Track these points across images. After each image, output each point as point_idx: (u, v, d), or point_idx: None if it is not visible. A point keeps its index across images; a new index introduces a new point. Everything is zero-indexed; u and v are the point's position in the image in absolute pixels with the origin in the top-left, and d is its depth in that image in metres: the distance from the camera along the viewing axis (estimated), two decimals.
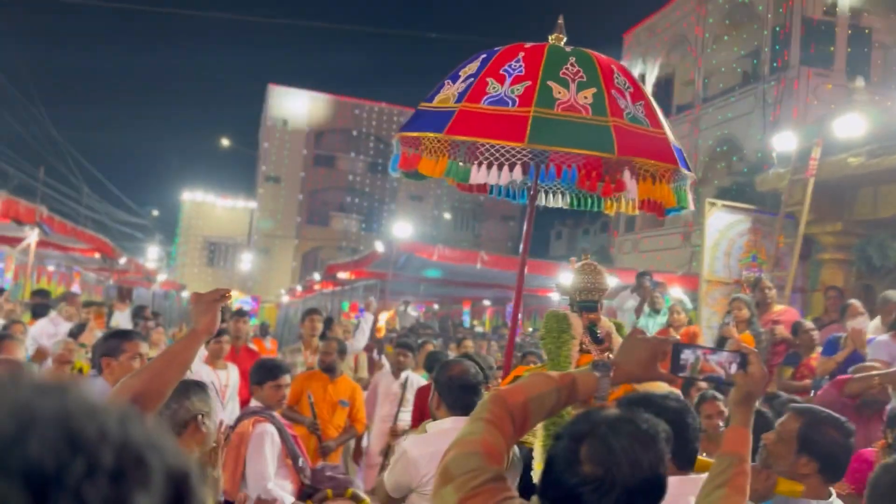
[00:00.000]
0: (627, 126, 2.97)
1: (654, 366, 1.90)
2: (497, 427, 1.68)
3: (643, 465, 1.46)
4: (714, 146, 18.68)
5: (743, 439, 1.82)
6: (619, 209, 3.58)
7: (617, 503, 1.44)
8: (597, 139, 2.89)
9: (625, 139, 2.90)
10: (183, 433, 2.47)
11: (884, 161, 7.86)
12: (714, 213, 8.92)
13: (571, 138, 2.89)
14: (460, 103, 2.98)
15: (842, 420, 2.59)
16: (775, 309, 6.93)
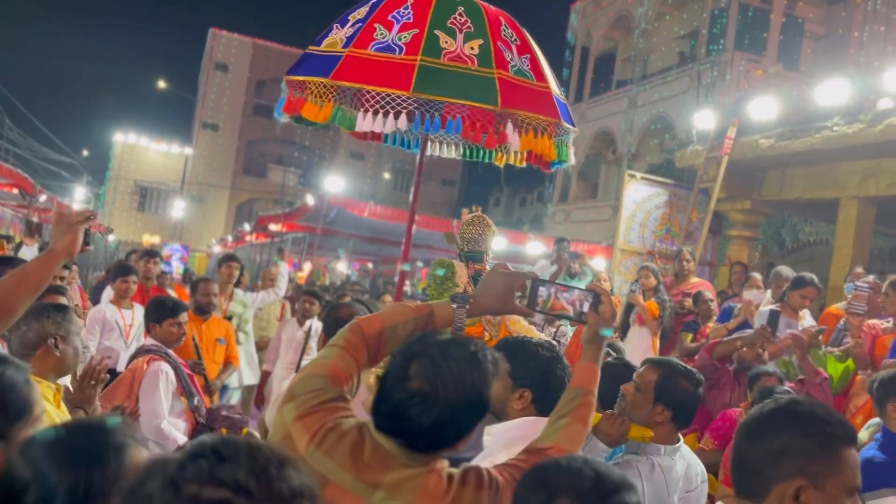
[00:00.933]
0: (512, 79, 3.03)
1: (510, 299, 1.94)
2: (350, 353, 1.75)
3: (466, 383, 1.55)
4: (648, 123, 19.06)
5: (591, 374, 1.87)
6: (508, 161, 3.65)
7: (440, 417, 1.54)
8: (481, 91, 2.94)
9: (508, 92, 2.96)
10: (32, 355, 2.42)
11: (792, 144, 8.22)
12: (632, 185, 9.18)
13: (456, 89, 2.93)
14: (347, 48, 2.97)
15: (693, 372, 2.78)
16: (692, 281, 7.24)
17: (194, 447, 0.89)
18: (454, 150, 3.88)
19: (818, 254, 10.83)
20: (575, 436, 1.73)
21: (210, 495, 0.82)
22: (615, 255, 9.16)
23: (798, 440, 1.42)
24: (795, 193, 8.96)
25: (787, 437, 1.43)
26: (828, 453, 1.40)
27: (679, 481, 2.63)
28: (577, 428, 1.74)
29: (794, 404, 1.51)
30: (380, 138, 3.78)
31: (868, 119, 7.47)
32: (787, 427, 1.45)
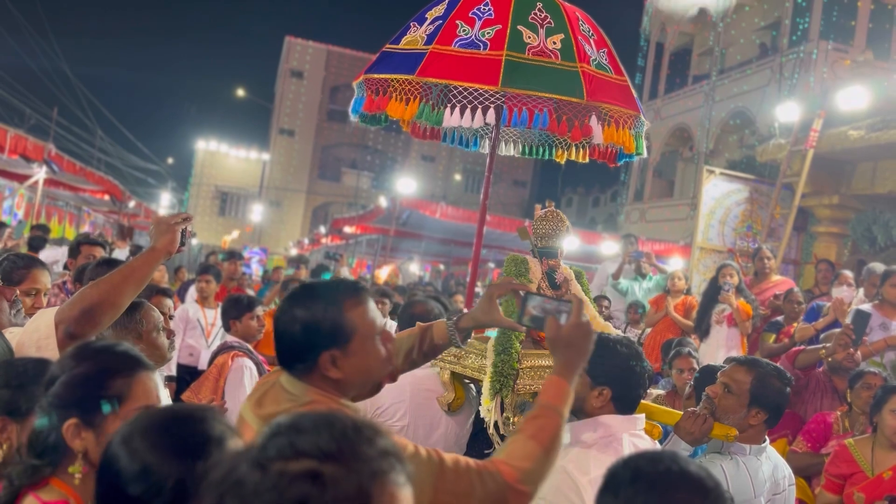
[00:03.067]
0: (594, 72, 3.02)
1: (492, 308, 2.02)
2: None
3: (316, 307, 1.65)
4: (727, 118, 18.49)
5: (554, 388, 1.72)
6: (570, 157, 3.63)
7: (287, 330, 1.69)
8: (567, 84, 2.93)
9: (592, 85, 2.96)
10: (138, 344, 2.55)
11: (884, 135, 7.80)
12: (711, 181, 8.91)
13: (543, 82, 2.93)
14: (430, 45, 2.99)
15: (783, 371, 2.69)
16: (773, 279, 6.98)
17: (271, 427, 0.91)
18: (513, 148, 3.87)
19: None
20: (524, 454, 1.58)
21: (297, 468, 0.83)
22: (693, 254, 8.90)
23: None
24: (888, 187, 8.51)
25: None
26: None
27: (766, 483, 2.55)
28: (529, 446, 1.60)
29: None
30: (439, 136, 3.78)
31: None
32: None
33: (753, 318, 6.26)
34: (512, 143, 3.91)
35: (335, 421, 0.90)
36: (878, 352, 4.93)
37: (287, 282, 6.46)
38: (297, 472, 0.83)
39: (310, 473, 0.83)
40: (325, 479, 0.82)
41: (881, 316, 5.19)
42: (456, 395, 3.06)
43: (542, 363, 2.89)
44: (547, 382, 1.74)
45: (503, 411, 2.82)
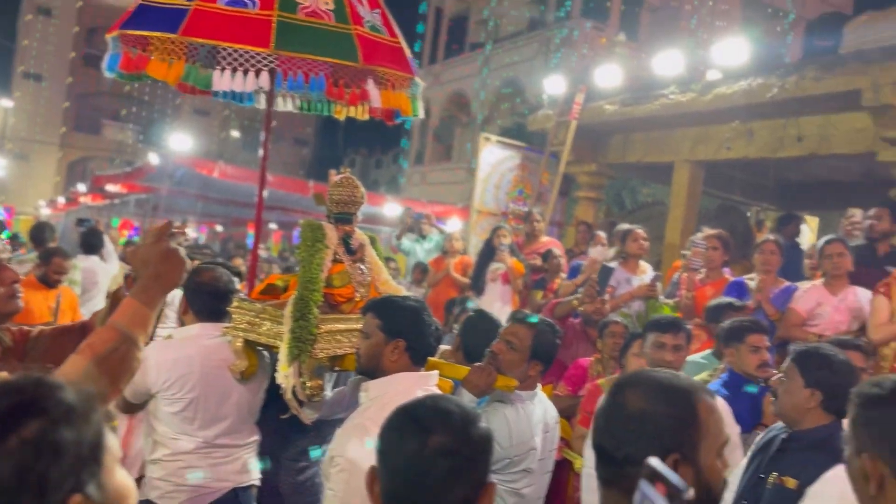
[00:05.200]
0: (369, 35, 3.02)
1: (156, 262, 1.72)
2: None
3: None
4: (501, 87, 19.53)
5: (121, 307, 1.61)
6: (350, 114, 3.67)
7: None
8: (342, 47, 2.91)
9: (368, 48, 2.96)
10: None
11: (633, 110, 8.77)
12: (487, 148, 9.45)
13: (317, 46, 2.88)
14: (194, 1, 2.80)
15: (555, 325, 3.01)
16: (542, 240, 7.59)
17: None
18: (291, 104, 3.82)
19: (655, 213, 11.71)
20: (70, 370, 1.50)
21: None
22: (471, 217, 9.43)
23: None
24: (636, 157, 9.60)
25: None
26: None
27: (539, 424, 2.85)
28: (75, 360, 1.52)
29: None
30: (208, 92, 3.64)
31: (699, 88, 8.12)
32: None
33: (525, 276, 6.81)
34: (290, 99, 3.85)
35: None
36: (624, 303, 5.61)
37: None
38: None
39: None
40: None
41: (625, 272, 5.89)
42: (249, 362, 3.02)
43: (340, 327, 2.95)
44: (124, 304, 1.62)
45: (300, 376, 2.85)
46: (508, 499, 2.73)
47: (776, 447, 2.48)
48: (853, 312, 4.49)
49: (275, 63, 3.06)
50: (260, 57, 2.91)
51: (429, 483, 1.31)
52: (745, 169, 9.27)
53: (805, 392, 2.38)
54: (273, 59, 2.98)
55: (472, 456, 1.34)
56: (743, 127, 8.12)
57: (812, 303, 4.61)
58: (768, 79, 7.36)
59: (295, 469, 3.16)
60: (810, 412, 2.38)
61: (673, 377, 1.33)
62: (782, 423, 2.53)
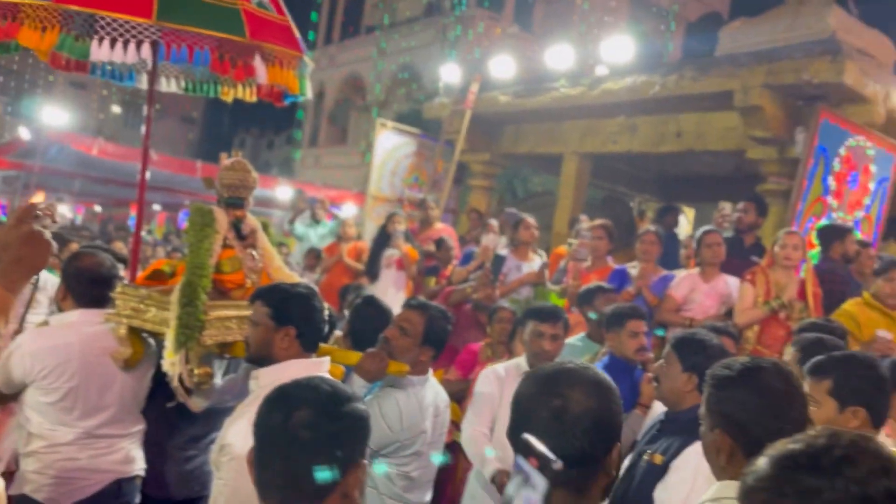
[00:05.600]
0: (256, 11, 2.96)
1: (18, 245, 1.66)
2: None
3: None
4: (397, 72, 19.49)
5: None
6: (237, 95, 3.62)
7: None
8: (228, 21, 2.84)
9: (254, 24, 2.90)
10: None
11: (525, 102, 8.99)
12: (384, 134, 9.44)
13: (202, 19, 2.80)
14: None
15: (447, 311, 3.07)
16: (436, 227, 7.68)
17: None
18: (175, 84, 3.72)
19: (544, 203, 12.07)
20: None
21: None
22: (367, 202, 9.41)
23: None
24: (527, 147, 9.85)
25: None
26: None
27: (430, 408, 2.92)
28: None
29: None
30: (86, 69, 3.46)
31: (587, 83, 8.43)
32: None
33: (419, 263, 6.89)
34: (174, 79, 3.73)
35: None
36: (514, 290, 5.81)
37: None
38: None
39: None
40: None
41: (516, 259, 6.07)
42: (133, 350, 2.93)
43: (230, 314, 2.90)
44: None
45: (188, 363, 2.79)
46: (398, 481, 2.79)
47: (655, 428, 2.65)
48: (722, 298, 4.83)
49: (157, 35, 2.95)
50: (142, 27, 2.78)
51: (291, 455, 1.32)
52: (629, 162, 9.72)
53: (683, 376, 2.54)
54: (156, 30, 2.86)
55: (337, 433, 1.35)
56: (628, 122, 8.50)
57: (687, 289, 4.91)
58: (651, 77, 7.74)
59: (182, 458, 3.09)
60: (688, 395, 2.54)
61: (594, 371, 1.40)
62: (663, 405, 2.70)
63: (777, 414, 1.60)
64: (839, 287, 5.12)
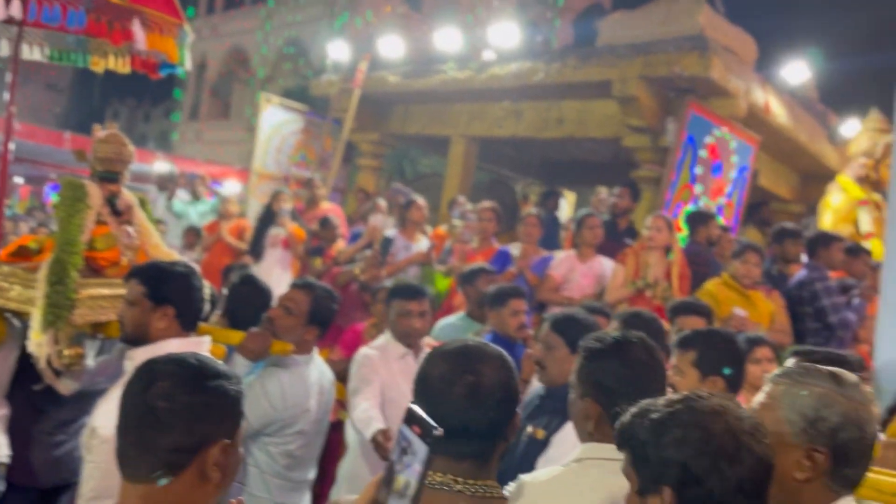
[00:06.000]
0: None
1: None
2: None
3: None
4: (283, 46, 18.98)
5: None
6: (109, 66, 3.48)
7: None
8: None
9: None
10: None
11: (414, 83, 9.03)
12: (268, 109, 9.21)
13: None
14: None
15: (333, 291, 3.08)
16: (323, 206, 7.60)
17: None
18: (39, 52, 3.53)
19: (432, 184, 12.17)
20: None
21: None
22: (251, 179, 9.17)
23: None
24: (416, 129, 9.89)
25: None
26: None
27: (315, 386, 2.93)
28: None
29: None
30: None
31: (475, 67, 8.56)
32: None
33: (306, 242, 6.81)
34: (37, 47, 3.53)
35: None
36: (401, 270, 5.87)
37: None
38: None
39: None
40: None
41: (404, 239, 6.14)
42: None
43: (103, 292, 2.79)
44: None
45: (57, 344, 2.67)
46: (281, 459, 2.79)
47: (535, 404, 2.77)
48: (598, 279, 5.09)
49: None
50: None
51: (144, 424, 1.31)
52: (515, 146, 9.97)
53: (571, 357, 2.65)
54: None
55: (195, 406, 1.32)
56: (513, 107, 8.71)
57: (565, 270, 5.15)
58: (535, 64, 7.96)
59: (50, 444, 2.95)
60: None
61: (494, 346, 1.51)
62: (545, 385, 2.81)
63: (642, 384, 1.73)
64: (703, 269, 5.51)
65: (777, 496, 1.35)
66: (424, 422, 1.05)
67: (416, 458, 1.04)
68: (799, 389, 1.45)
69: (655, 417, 1.24)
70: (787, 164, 9.65)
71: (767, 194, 9.44)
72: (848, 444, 1.39)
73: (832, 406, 1.40)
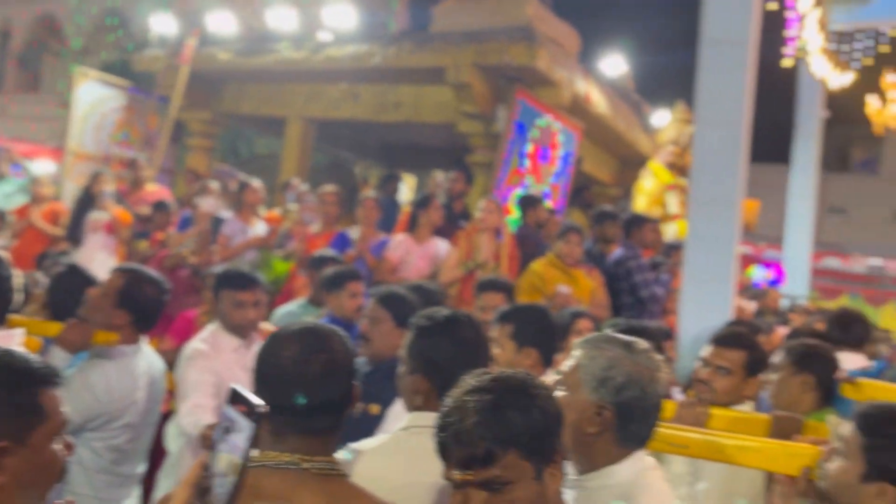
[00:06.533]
0: None
1: None
2: None
3: None
4: (101, 16, 17.58)
5: None
6: None
7: None
8: None
9: None
10: None
11: (247, 62, 8.76)
12: (85, 84, 8.56)
13: None
14: None
15: (160, 279, 2.95)
16: (148, 188, 7.20)
17: None
18: None
19: (269, 166, 11.88)
20: None
21: None
22: (66, 159, 8.48)
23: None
24: (250, 108, 9.60)
25: None
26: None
27: (143, 377, 2.82)
28: None
29: None
30: None
31: (311, 47, 8.44)
32: None
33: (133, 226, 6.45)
34: None
35: None
36: (238, 254, 5.73)
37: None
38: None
39: None
40: None
41: (240, 222, 5.98)
42: None
43: None
44: None
45: None
46: (107, 454, 2.67)
47: (361, 380, 2.84)
48: (433, 260, 5.26)
49: None
50: None
51: None
52: (353, 129, 9.96)
53: (397, 331, 2.74)
54: None
55: None
56: (350, 89, 8.70)
57: (403, 252, 5.26)
58: (372, 47, 8.00)
59: None
60: (398, 347, 2.77)
61: (321, 322, 1.61)
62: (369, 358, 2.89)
63: (469, 360, 1.83)
64: (532, 250, 5.85)
65: (576, 449, 1.56)
66: (249, 400, 1.08)
67: (240, 435, 1.07)
68: (595, 353, 1.62)
69: (474, 399, 1.35)
70: (607, 151, 10.39)
71: (590, 179, 10.12)
72: (631, 402, 1.58)
73: (619, 367, 1.59)
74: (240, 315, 3.16)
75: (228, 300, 3.19)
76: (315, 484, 1.37)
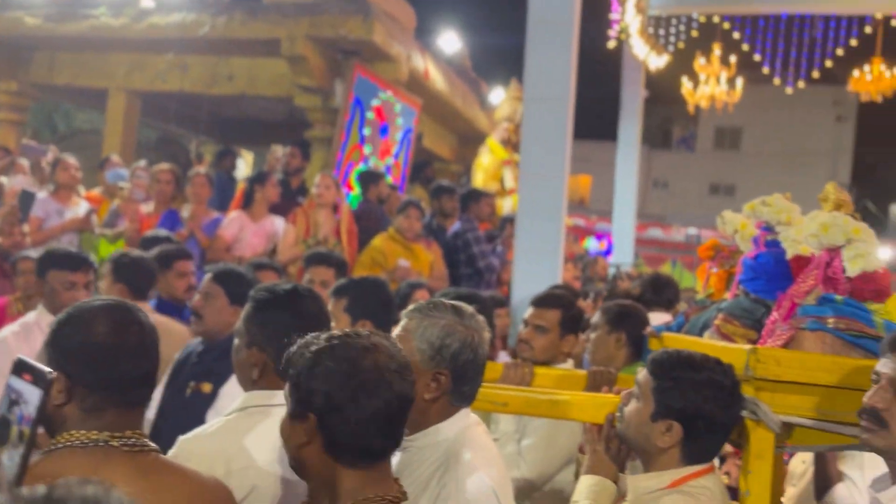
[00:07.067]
0: None
1: None
2: None
3: None
4: None
5: None
6: None
7: None
8: None
9: None
10: None
11: (59, 27, 8.01)
12: None
13: None
14: None
15: None
16: None
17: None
18: None
19: (91, 142, 11.02)
20: None
21: None
22: None
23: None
24: (66, 79, 8.82)
25: None
26: None
27: None
28: None
29: None
30: None
31: (132, 14, 7.87)
32: None
33: None
34: None
35: None
36: (55, 236, 5.30)
37: None
38: None
39: None
40: None
41: (57, 203, 5.55)
42: None
43: None
44: None
45: None
46: None
47: (193, 360, 2.74)
48: (269, 237, 5.15)
49: None
50: None
51: None
52: (182, 101, 9.43)
53: (230, 309, 2.66)
54: None
55: None
56: (178, 60, 8.22)
57: (236, 229, 5.11)
58: (200, 16, 7.59)
59: None
60: (232, 325, 2.69)
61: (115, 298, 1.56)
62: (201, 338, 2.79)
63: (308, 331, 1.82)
64: (374, 225, 5.87)
65: (411, 416, 1.57)
66: (36, 369, 1.08)
67: (28, 405, 1.06)
68: (427, 322, 1.66)
69: (314, 349, 1.35)
70: (447, 127, 10.58)
71: (431, 155, 10.27)
72: (465, 365, 1.65)
73: (453, 334, 1.65)
74: (70, 297, 2.95)
75: (58, 281, 3.04)
76: (125, 459, 1.34)
